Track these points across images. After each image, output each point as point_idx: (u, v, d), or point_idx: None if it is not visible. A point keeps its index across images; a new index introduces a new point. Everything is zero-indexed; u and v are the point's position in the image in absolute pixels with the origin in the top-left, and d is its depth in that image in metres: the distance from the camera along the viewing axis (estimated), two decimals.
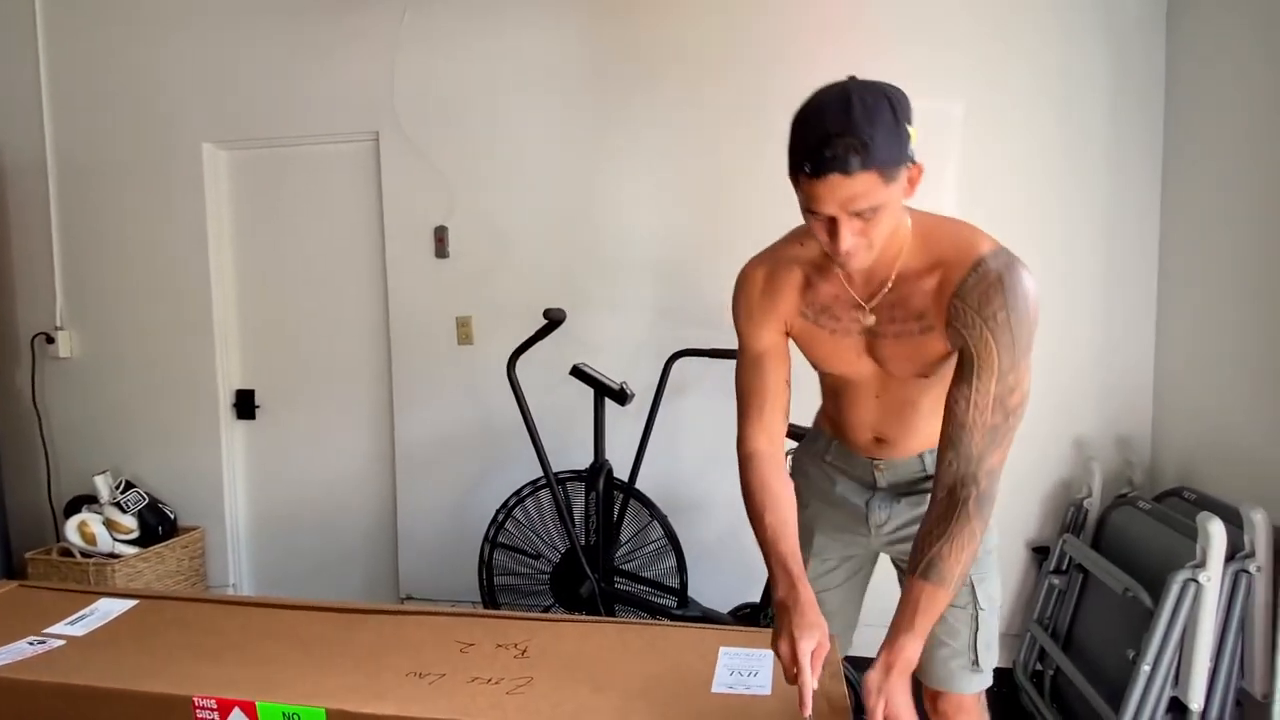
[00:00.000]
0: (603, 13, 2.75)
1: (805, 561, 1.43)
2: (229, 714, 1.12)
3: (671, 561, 2.58)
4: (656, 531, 2.61)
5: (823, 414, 1.51)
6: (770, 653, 1.19)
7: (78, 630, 1.37)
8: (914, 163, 1.07)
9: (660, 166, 2.74)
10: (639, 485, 2.60)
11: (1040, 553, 2.57)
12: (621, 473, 2.60)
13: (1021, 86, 2.51)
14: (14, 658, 1.26)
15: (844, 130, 0.99)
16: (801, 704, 1.00)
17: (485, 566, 2.64)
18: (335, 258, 3.06)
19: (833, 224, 1.06)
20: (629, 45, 2.73)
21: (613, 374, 2.55)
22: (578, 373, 2.49)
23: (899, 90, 1.06)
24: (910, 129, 1.04)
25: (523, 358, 2.46)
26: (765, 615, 2.36)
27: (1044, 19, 2.48)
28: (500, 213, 2.86)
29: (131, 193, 3.13)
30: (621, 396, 2.50)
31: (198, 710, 1.13)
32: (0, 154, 3.19)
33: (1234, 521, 1.85)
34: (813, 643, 1.04)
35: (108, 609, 1.45)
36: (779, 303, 1.28)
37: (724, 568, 2.70)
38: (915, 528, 1.28)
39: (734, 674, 1.16)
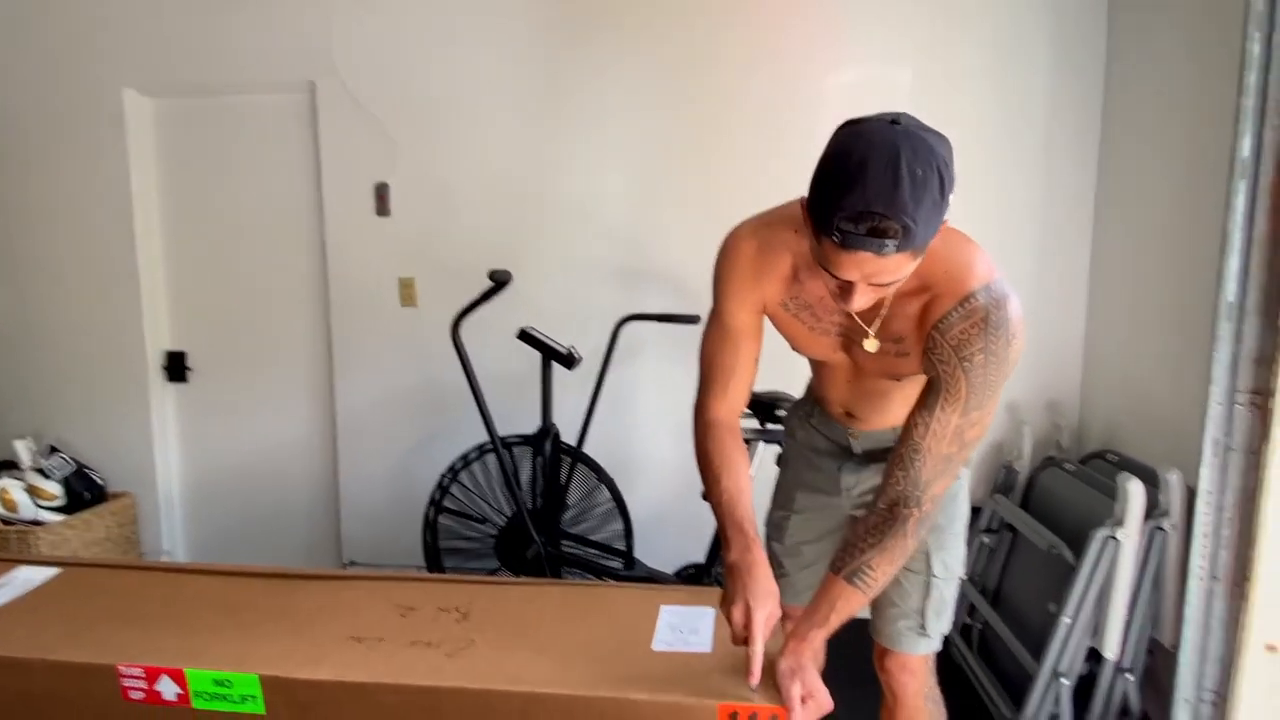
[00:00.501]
0: None
1: (786, 519, 1.49)
2: (156, 682, 1.09)
3: (619, 524, 2.60)
4: (604, 495, 2.62)
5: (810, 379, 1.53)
6: (711, 610, 1.22)
7: None
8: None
9: (613, 126, 2.69)
10: (587, 450, 2.59)
11: (972, 513, 2.66)
12: (569, 437, 2.60)
13: (967, 56, 2.53)
14: None
15: (887, 209, 0.89)
16: (750, 672, 1.02)
17: (430, 529, 2.62)
18: (270, 215, 2.93)
19: (847, 283, 0.99)
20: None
21: (560, 337, 2.53)
22: (525, 336, 2.46)
23: (948, 147, 0.94)
24: (951, 196, 0.95)
25: (468, 320, 2.41)
26: (709, 575, 2.40)
27: None
28: (445, 169, 2.78)
29: (47, 140, 2.93)
30: (569, 360, 2.48)
31: (123, 679, 1.10)
32: None
33: (1152, 482, 1.95)
34: (766, 611, 1.06)
35: (28, 577, 1.39)
36: (763, 286, 1.20)
37: (670, 530, 2.73)
38: None
39: (674, 632, 1.18)
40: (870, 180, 0.89)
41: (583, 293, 2.76)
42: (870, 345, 1.16)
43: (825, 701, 1.02)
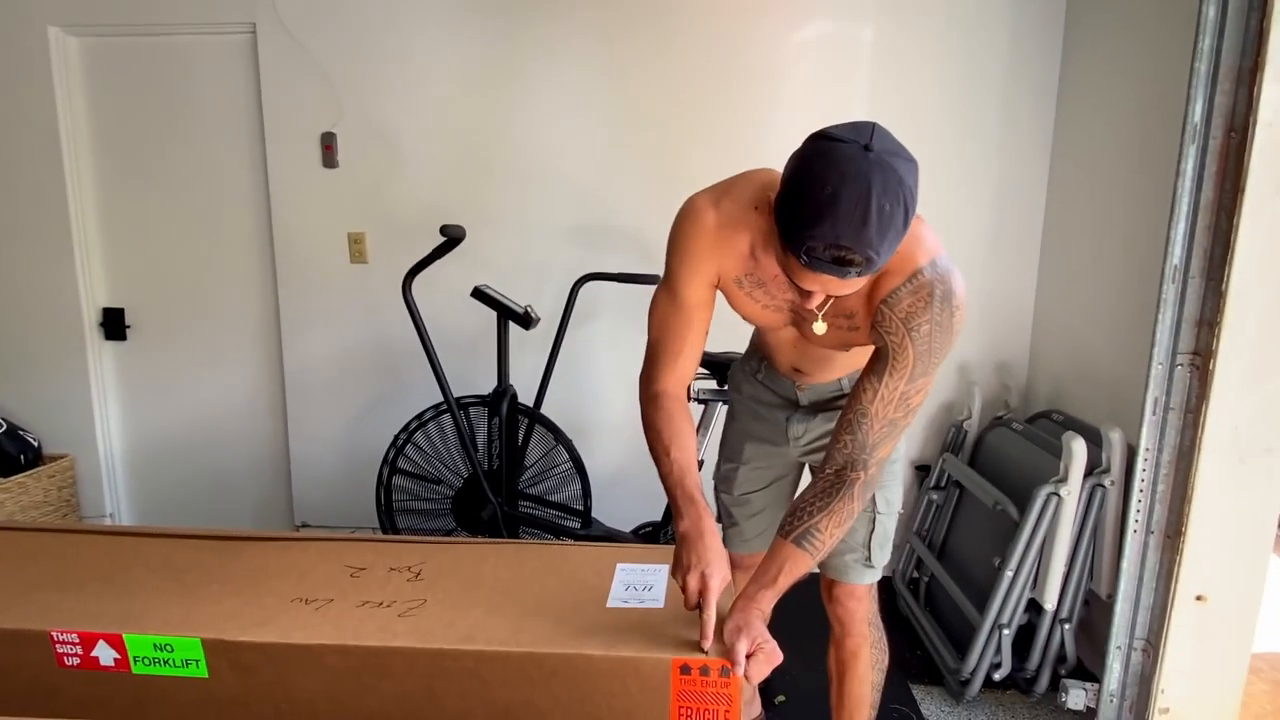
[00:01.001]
0: None
1: (735, 470, 1.56)
2: (93, 648, 1.06)
3: (577, 485, 2.60)
4: (562, 456, 2.60)
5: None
6: (665, 567, 1.22)
7: None
8: None
9: (571, 80, 2.61)
10: (545, 410, 2.57)
11: (922, 470, 2.73)
12: (527, 397, 2.57)
13: (928, 16, 2.50)
14: None
15: (854, 244, 0.93)
16: (704, 636, 1.04)
17: (384, 489, 2.58)
18: (211, 165, 2.79)
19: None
20: None
21: (517, 296, 2.48)
22: (480, 295, 2.40)
23: (915, 172, 0.97)
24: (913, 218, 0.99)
25: (421, 278, 2.34)
26: (665, 533, 2.42)
27: None
28: (396, 119, 2.67)
29: None
30: (526, 320, 2.43)
31: (57, 646, 1.06)
32: None
33: (1095, 441, 2.01)
34: (720, 578, 1.09)
35: None
36: (721, 261, 1.20)
37: (628, 489, 2.74)
38: (828, 440, 1.32)
39: (629, 589, 1.18)
40: (840, 216, 0.92)
41: (540, 250, 2.71)
42: (819, 328, 1.21)
43: (774, 654, 1.04)
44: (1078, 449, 1.94)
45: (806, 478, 1.59)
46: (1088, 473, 1.97)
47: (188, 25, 2.68)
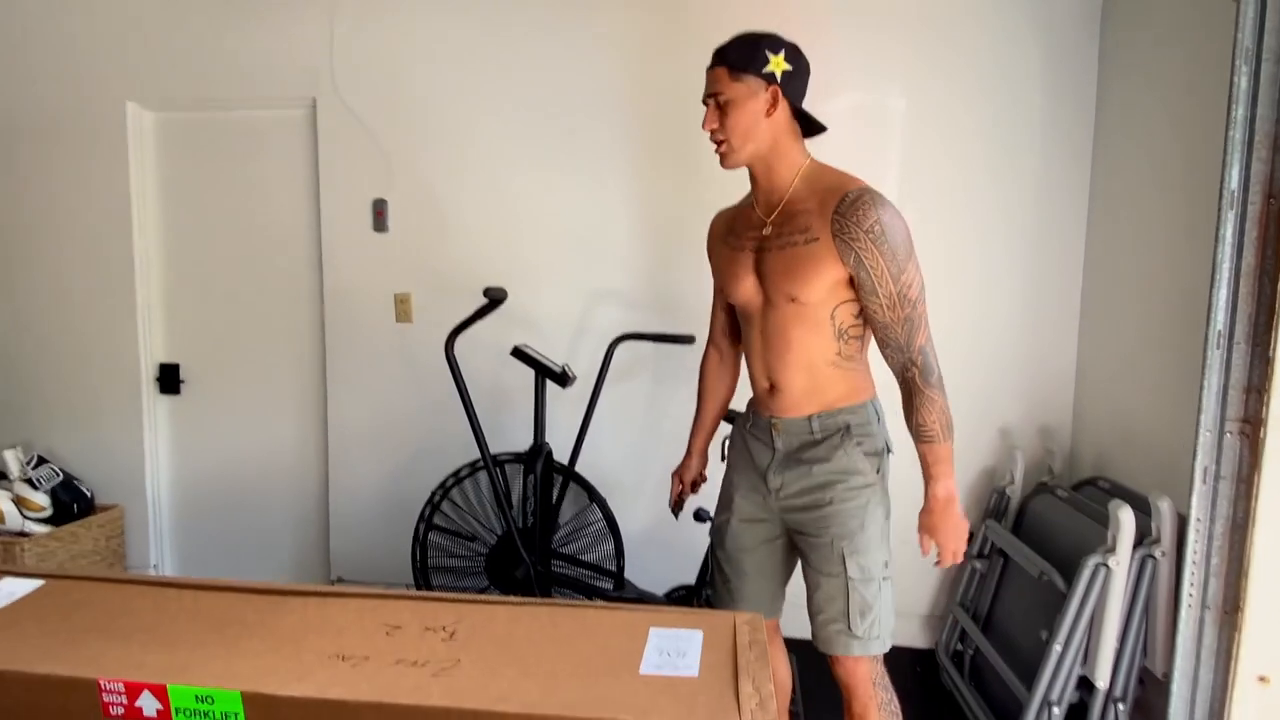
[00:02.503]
0: None
1: (726, 523, 1.66)
2: (138, 697, 1.08)
3: (610, 545, 2.59)
4: (596, 515, 2.60)
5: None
6: (699, 633, 1.22)
7: None
8: (771, 84, 1.45)
9: (610, 147, 2.71)
10: (579, 469, 2.59)
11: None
12: (562, 455, 2.59)
13: (962, 85, 2.56)
14: None
15: (722, 47, 1.49)
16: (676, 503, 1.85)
17: (419, 546, 2.60)
18: (268, 228, 2.94)
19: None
20: (581, 18, 2.69)
21: (555, 356, 2.53)
22: (519, 354, 2.46)
23: (795, 50, 1.50)
24: (774, 57, 1.44)
25: (463, 337, 2.41)
26: (699, 597, 2.38)
27: (985, 16, 2.53)
28: (442, 187, 2.79)
29: (48, 152, 2.95)
30: (563, 379, 2.48)
31: (104, 694, 1.08)
32: None
33: (1143, 509, 1.95)
34: (686, 471, 1.85)
35: (10, 589, 1.38)
36: (720, 244, 1.65)
37: (661, 551, 2.71)
38: (803, 499, 1.50)
39: (663, 655, 1.17)
40: None
41: (578, 311, 2.77)
42: (766, 230, 1.51)
43: (952, 549, 1.44)
44: (1125, 518, 1.88)
45: (797, 574, 1.62)
46: (1137, 543, 1.90)
47: (254, 101, 2.87)
